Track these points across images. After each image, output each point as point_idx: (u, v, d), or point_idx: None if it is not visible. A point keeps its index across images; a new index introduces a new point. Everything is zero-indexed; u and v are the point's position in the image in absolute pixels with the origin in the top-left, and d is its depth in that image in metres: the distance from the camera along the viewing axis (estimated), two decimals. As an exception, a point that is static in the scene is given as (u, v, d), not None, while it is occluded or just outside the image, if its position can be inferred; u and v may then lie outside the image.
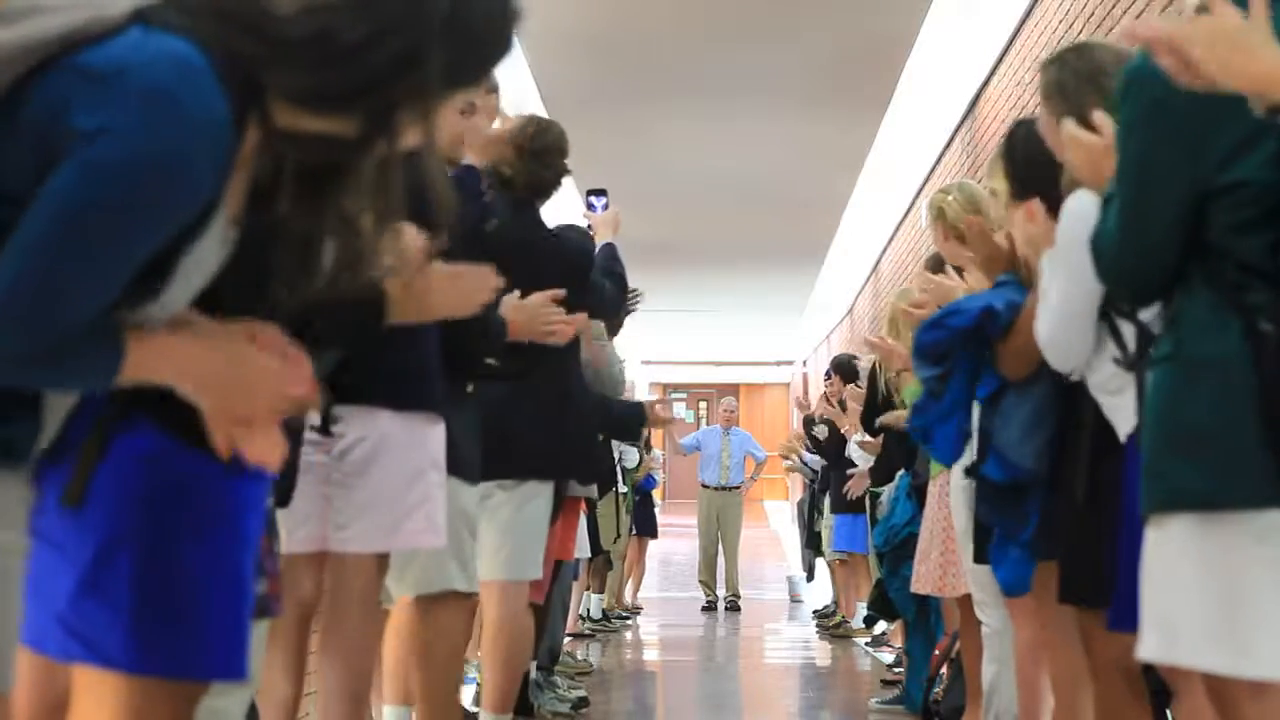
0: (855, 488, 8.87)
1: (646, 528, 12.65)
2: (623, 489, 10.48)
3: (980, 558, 4.57)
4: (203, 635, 2.08)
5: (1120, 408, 3.28)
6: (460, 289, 3.54)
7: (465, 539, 4.27)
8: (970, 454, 4.79)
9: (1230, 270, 2.36)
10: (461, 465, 4.16)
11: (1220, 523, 2.33)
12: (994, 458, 3.74)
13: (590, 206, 5.62)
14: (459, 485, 4.21)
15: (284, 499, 3.31)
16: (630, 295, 8.04)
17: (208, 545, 2.08)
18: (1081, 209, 3.22)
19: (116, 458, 2.05)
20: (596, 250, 5.40)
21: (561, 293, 4.41)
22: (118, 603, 2.03)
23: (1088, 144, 2.95)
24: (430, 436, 3.73)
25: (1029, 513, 3.66)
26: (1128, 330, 3.20)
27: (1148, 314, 3.16)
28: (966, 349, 3.90)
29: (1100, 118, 2.92)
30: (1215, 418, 2.34)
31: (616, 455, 9.69)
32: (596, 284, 5.12)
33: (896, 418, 5.80)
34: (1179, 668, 2.58)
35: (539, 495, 4.96)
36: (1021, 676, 4.54)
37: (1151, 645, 2.44)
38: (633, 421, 6.61)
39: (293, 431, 3.28)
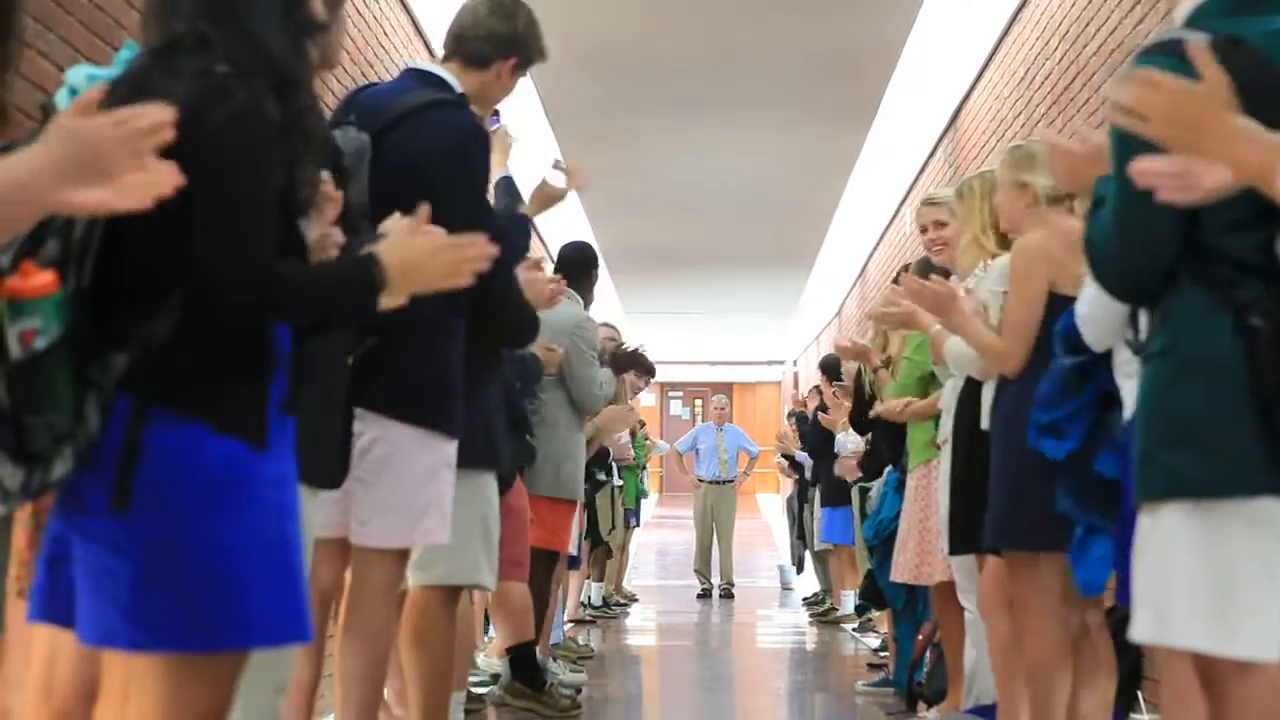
0: (845, 471, 8.89)
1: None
2: (617, 482, 10.53)
3: (957, 548, 4.72)
4: (265, 605, 2.15)
5: (1130, 391, 3.26)
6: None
7: (493, 531, 4.23)
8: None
9: (1222, 268, 2.35)
10: (483, 456, 4.12)
11: (1212, 510, 2.33)
12: (1111, 452, 3.67)
13: None
14: (488, 478, 4.21)
15: (336, 481, 3.38)
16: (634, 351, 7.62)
17: (253, 521, 2.15)
18: None
19: (153, 453, 2.11)
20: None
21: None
22: (181, 588, 2.10)
23: (1069, 152, 2.94)
24: (442, 442, 3.74)
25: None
26: (1144, 318, 3.23)
27: None
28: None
29: (1083, 129, 2.98)
30: (1208, 410, 2.34)
31: (612, 451, 9.69)
32: None
33: (889, 409, 5.77)
34: (1172, 649, 2.61)
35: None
36: (996, 666, 4.60)
37: (1145, 627, 2.44)
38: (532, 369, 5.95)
39: (345, 419, 3.39)
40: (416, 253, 2.31)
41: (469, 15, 3.96)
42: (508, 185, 4.61)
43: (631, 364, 7.70)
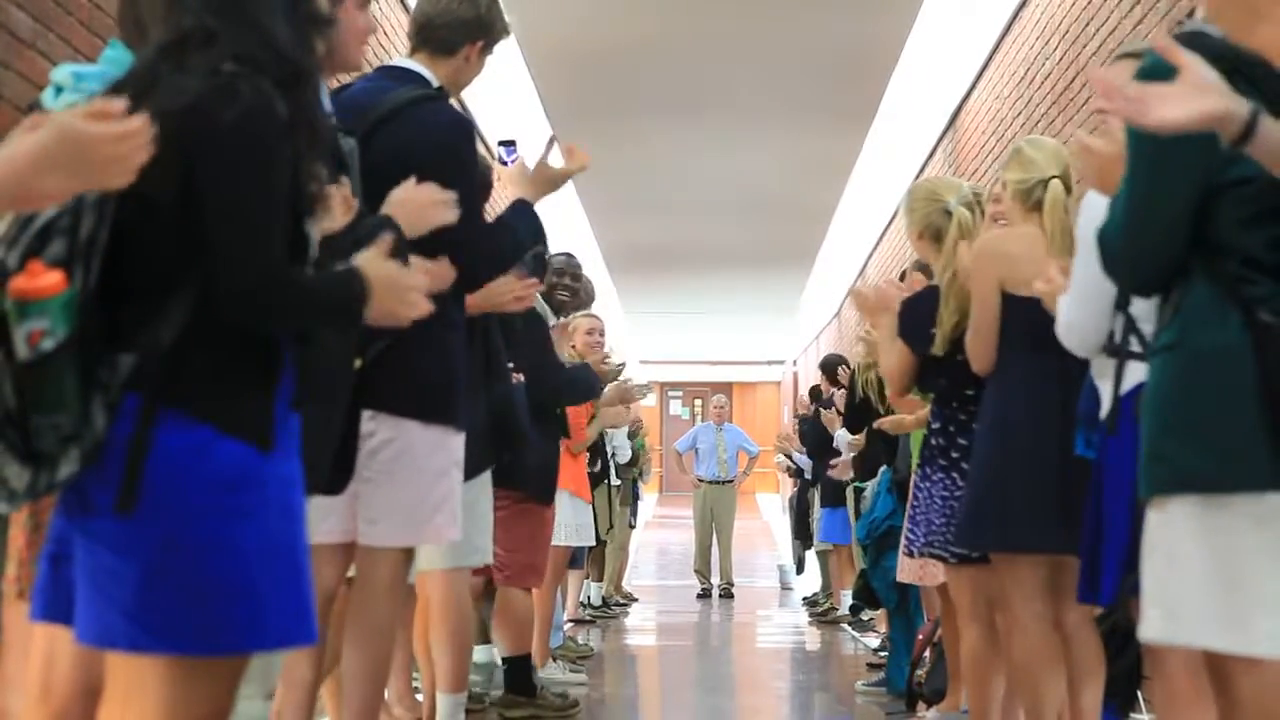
0: (840, 473, 8.98)
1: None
2: (615, 482, 10.45)
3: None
4: (270, 608, 2.15)
5: (1106, 391, 3.33)
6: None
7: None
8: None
9: (1232, 264, 2.35)
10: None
11: (1221, 505, 2.32)
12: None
13: (500, 161, 4.51)
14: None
15: (332, 487, 3.31)
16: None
17: (260, 524, 2.15)
18: (1096, 201, 3.19)
19: (160, 454, 2.11)
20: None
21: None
22: (186, 589, 2.10)
23: (1098, 152, 2.94)
24: (452, 440, 3.78)
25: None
26: (1117, 321, 3.20)
27: (1138, 308, 3.14)
28: None
29: (1113, 125, 2.93)
30: (1218, 405, 2.34)
31: (610, 451, 9.70)
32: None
33: (895, 422, 5.75)
34: (1165, 648, 2.63)
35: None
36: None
37: (1154, 625, 2.42)
38: (581, 384, 5.99)
39: (348, 424, 3.34)
40: (385, 278, 2.39)
41: (432, 4, 3.92)
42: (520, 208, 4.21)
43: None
